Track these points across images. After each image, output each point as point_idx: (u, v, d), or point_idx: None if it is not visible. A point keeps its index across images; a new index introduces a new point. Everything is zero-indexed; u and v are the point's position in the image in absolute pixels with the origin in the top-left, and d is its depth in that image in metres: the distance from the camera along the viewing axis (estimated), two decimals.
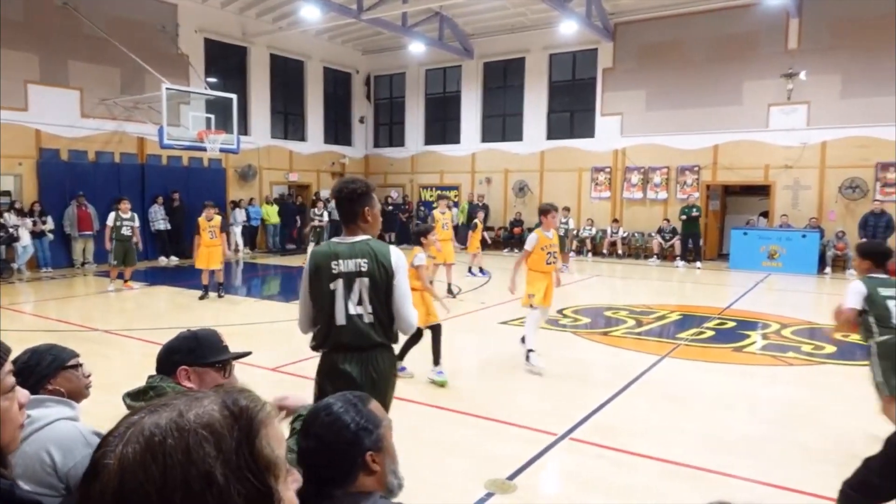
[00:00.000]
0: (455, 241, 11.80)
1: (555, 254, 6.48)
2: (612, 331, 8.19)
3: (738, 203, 17.86)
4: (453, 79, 20.75)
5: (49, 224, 13.54)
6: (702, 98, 16.26)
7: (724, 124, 16.08)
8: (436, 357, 5.91)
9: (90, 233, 14.20)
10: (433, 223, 10.93)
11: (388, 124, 22.51)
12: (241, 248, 17.34)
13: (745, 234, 15.14)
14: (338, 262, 2.95)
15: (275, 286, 13.72)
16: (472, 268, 13.30)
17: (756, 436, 4.70)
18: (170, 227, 15.93)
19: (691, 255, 15.76)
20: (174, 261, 15.74)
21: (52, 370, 1.93)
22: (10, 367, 1.18)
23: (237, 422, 0.70)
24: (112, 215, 11.04)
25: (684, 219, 15.56)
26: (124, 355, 6.80)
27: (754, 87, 15.68)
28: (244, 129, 17.68)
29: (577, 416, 4.93)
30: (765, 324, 8.66)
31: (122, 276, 11.32)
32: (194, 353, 2.01)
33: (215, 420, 0.69)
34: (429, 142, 21.41)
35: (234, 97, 15.11)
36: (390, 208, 19.87)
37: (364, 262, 2.94)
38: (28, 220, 13.10)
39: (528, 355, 6.37)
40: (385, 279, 2.94)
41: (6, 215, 12.71)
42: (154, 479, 0.63)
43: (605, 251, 17.31)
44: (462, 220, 19.43)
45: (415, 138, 21.62)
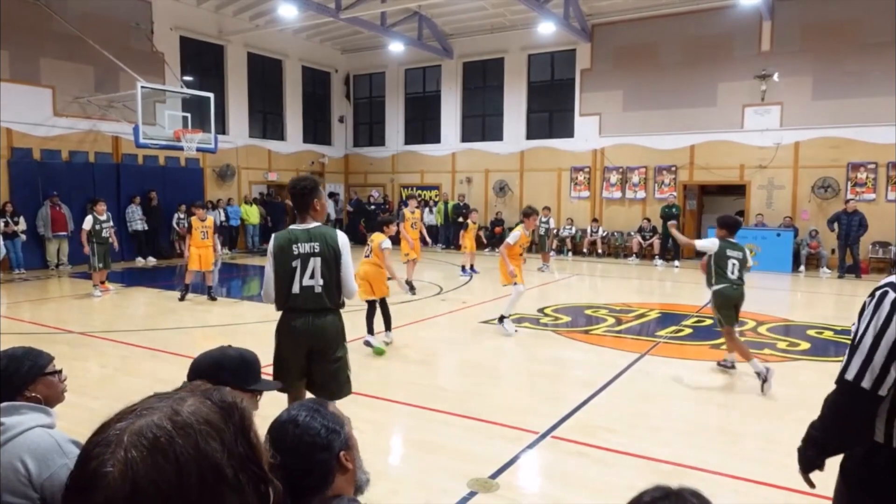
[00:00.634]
0: (427, 238, 12.07)
1: (525, 248, 8.14)
2: (593, 329, 8.26)
3: (715, 202, 18.11)
4: (433, 78, 20.74)
5: (22, 225, 13.27)
6: (678, 99, 16.47)
7: (700, 125, 16.31)
8: (387, 324, 7.14)
9: (64, 233, 13.95)
10: (403, 221, 11.32)
11: (368, 124, 22.43)
12: (220, 248, 17.10)
13: None
14: (297, 245, 3.67)
15: (255, 287, 13.58)
16: (465, 266, 13.58)
17: (733, 431, 4.78)
18: (147, 228, 15.71)
19: (670, 254, 15.97)
20: (151, 261, 15.52)
21: (31, 377, 1.89)
22: None
23: (231, 416, 0.73)
24: (89, 219, 10.46)
25: (664, 217, 15.73)
26: (99, 358, 6.69)
27: (728, 88, 15.92)
28: (222, 129, 17.50)
29: (558, 415, 4.97)
30: (741, 321, 8.78)
31: (87, 276, 11.06)
32: (239, 376, 1.97)
33: (212, 416, 0.71)
34: (409, 141, 21.38)
35: (210, 96, 14.94)
36: (372, 208, 19.76)
37: (317, 245, 3.67)
38: (0, 221, 12.84)
39: (503, 320, 7.71)
40: (334, 258, 3.69)
41: None
42: (170, 478, 0.64)
43: (585, 250, 17.47)
44: (440, 221, 19.45)
45: (395, 138, 21.58)
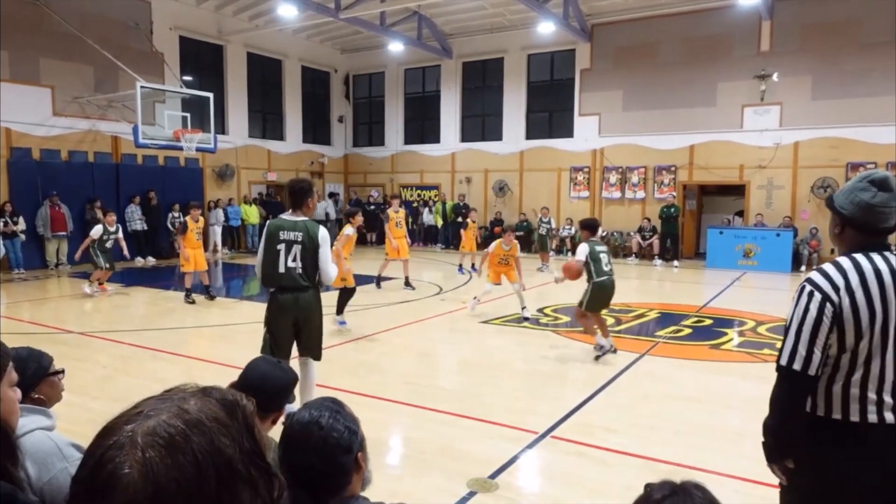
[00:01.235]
0: (408, 238, 12.15)
1: (508, 259, 8.75)
2: None
3: (714, 202, 18.12)
4: (432, 78, 20.73)
5: (21, 224, 13.26)
6: (677, 99, 16.47)
7: (700, 125, 16.31)
8: (339, 309, 7.89)
9: (64, 233, 13.95)
10: (387, 221, 11.66)
11: (368, 123, 22.42)
12: (220, 248, 17.14)
13: (721, 233, 15.37)
14: (283, 232, 4.50)
15: (254, 286, 13.57)
16: (462, 265, 13.63)
17: (732, 431, 4.78)
18: (146, 228, 15.70)
19: (669, 253, 15.98)
20: (151, 261, 15.51)
21: (36, 378, 1.88)
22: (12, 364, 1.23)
23: (235, 413, 0.74)
24: (98, 228, 10.56)
25: (664, 218, 15.78)
26: (98, 358, 6.70)
27: (728, 88, 15.92)
28: (221, 129, 17.49)
29: (557, 415, 4.97)
30: (741, 321, 8.81)
31: (87, 276, 11.09)
32: (277, 399, 2.15)
33: (219, 414, 0.72)
34: (408, 141, 21.37)
35: (210, 96, 14.93)
36: (371, 208, 19.72)
37: (300, 234, 4.49)
38: None
39: (474, 301, 8.99)
40: (312, 247, 4.51)
41: None
42: (190, 476, 0.65)
43: None
44: (438, 221, 19.44)
45: (394, 138, 21.57)
